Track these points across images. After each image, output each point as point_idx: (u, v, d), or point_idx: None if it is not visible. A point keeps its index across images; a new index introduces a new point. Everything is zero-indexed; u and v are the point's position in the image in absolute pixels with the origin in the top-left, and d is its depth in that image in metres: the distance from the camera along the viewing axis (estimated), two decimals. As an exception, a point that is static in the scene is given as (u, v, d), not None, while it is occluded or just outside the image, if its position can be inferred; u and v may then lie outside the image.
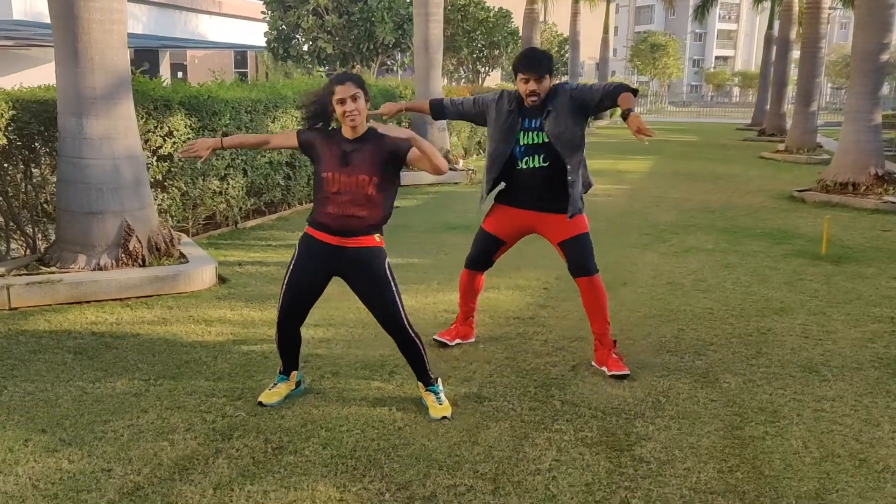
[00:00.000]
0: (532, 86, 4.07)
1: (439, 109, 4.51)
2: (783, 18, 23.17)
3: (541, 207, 4.25)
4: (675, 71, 50.47)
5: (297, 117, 8.95)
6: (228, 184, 7.87)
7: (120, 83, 5.65)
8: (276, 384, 3.86)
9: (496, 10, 23.08)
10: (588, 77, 48.33)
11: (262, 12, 17.70)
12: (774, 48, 24.23)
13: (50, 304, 5.27)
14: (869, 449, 3.39)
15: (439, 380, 3.80)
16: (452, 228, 8.38)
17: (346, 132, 3.53)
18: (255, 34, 26.15)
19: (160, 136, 6.87)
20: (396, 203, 8.68)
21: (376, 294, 3.62)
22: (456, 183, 12.14)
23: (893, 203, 10.04)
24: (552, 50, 30.98)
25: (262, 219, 8.72)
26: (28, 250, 6.17)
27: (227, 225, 8.17)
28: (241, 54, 37.91)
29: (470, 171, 12.44)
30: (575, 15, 24.94)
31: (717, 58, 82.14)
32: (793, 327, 5.07)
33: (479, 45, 21.45)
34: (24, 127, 5.75)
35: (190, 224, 7.64)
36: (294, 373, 3.88)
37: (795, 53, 23.23)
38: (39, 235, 6.26)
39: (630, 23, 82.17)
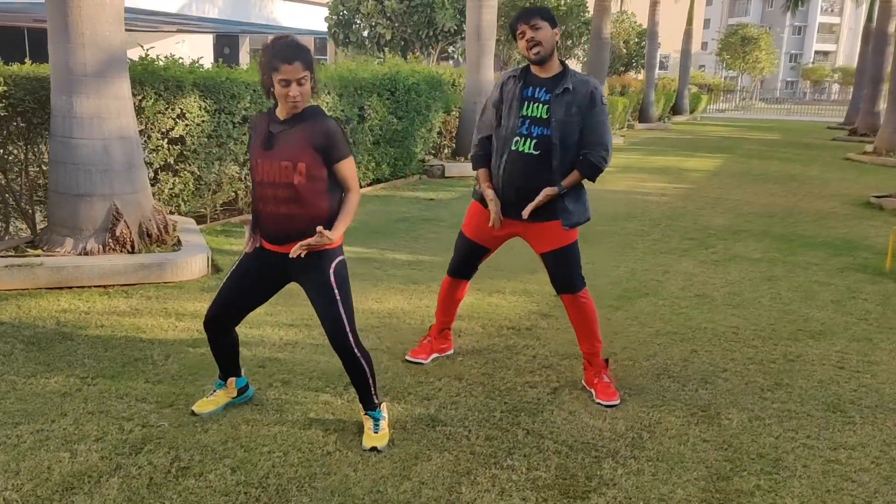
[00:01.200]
0: (528, 34, 3.52)
1: (483, 154, 3.86)
2: (882, 10, 21.53)
3: (520, 212, 3.69)
4: (768, 66, 48.08)
5: (328, 103, 8.64)
6: (245, 168, 7.61)
7: (112, 60, 5.40)
8: (213, 391, 3.50)
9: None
10: (672, 71, 46.62)
11: (325, -3, 17.51)
12: (872, 42, 22.59)
13: (28, 289, 5.09)
14: (882, 518, 2.78)
15: (384, 405, 3.32)
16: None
17: (282, 111, 3.03)
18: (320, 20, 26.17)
19: (171, 117, 6.64)
20: (430, 195, 8.13)
21: (320, 304, 3.13)
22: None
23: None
24: (630, 42, 29.83)
25: (288, 207, 8.43)
26: (31, 232, 6.04)
27: (249, 211, 7.92)
28: (321, 40, 38.22)
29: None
30: (654, 5, 23.86)
31: (816, 53, 78.19)
32: (827, 355, 4.40)
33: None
34: (18, 104, 5.59)
35: (208, 210, 7.43)
36: (233, 379, 3.50)
37: (891, 48, 21.59)
38: (40, 217, 6.12)
39: (724, 14, 79.13)
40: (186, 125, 6.78)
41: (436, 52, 15.71)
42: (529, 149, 3.62)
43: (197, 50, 27.76)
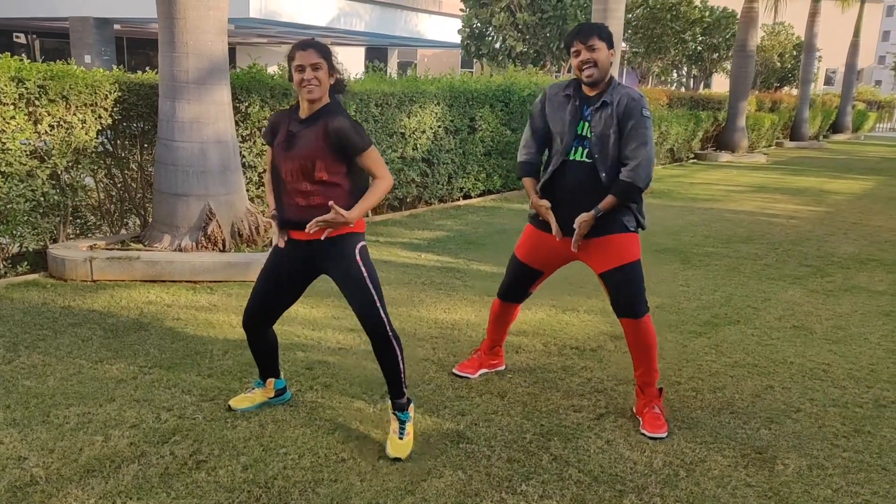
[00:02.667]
0: (584, 55, 3.38)
1: (529, 163, 3.74)
2: None
3: (569, 224, 3.53)
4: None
5: (436, 113, 8.70)
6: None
7: (213, 68, 5.69)
8: (252, 388, 3.58)
9: (720, 9, 21.33)
10: (836, 87, 43.43)
11: (461, 10, 17.70)
12: None
13: (125, 280, 5.43)
14: None
15: (412, 407, 3.27)
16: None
17: (302, 107, 3.09)
18: (450, 31, 26.47)
19: (277, 124, 6.90)
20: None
21: (350, 288, 3.14)
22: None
23: None
24: (784, 55, 28.11)
25: (393, 214, 8.57)
26: (142, 228, 6.46)
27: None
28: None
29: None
30: (813, 15, 22.36)
31: None
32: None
33: (695, 48, 19.83)
34: (130, 108, 6.00)
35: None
36: (271, 380, 3.56)
37: None
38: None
39: (883, 26, 73.02)
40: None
41: (567, 65, 15.45)
42: (581, 157, 3.47)
43: (348, 63, 28.96)
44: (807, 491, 2.99)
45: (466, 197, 9.89)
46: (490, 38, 16.01)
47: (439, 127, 8.82)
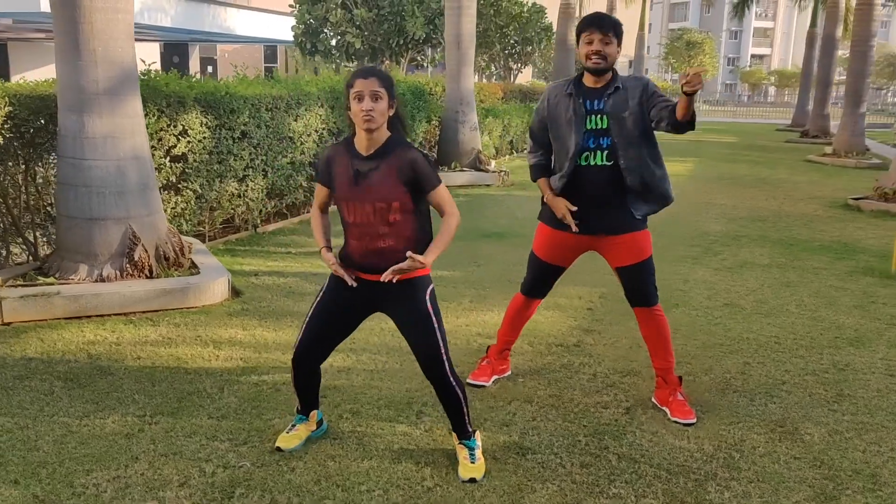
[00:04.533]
0: (596, 46, 3.46)
1: (540, 164, 3.84)
2: (829, 16, 22.25)
3: (598, 229, 3.66)
4: (711, 69, 49.30)
5: (321, 115, 8.47)
6: (248, 185, 7.40)
7: (125, 77, 5.17)
8: (294, 426, 3.36)
9: (530, 4, 22.44)
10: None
11: (290, 5, 17.23)
12: (819, 46, 23.32)
13: (46, 320, 4.82)
14: None
15: (477, 433, 3.23)
16: (486, 236, 7.82)
17: (361, 142, 2.94)
18: (284, 29, 25.79)
19: (174, 135, 6.40)
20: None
21: (415, 334, 3.04)
22: (488, 185, 11.60)
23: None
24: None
25: (284, 222, 8.24)
26: (30, 257, 5.74)
27: (247, 229, 7.70)
28: (270, 49, 37.64)
29: (502, 173, 11.87)
30: (611, 11, 24.20)
31: (752, 56, 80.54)
32: (874, 363, 4.46)
33: (512, 41, 20.77)
34: (22, 124, 5.31)
35: (206, 228, 7.18)
36: (314, 412, 3.36)
37: (837, 52, 22.35)
38: (44, 241, 5.82)
39: (664, 19, 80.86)
40: (189, 142, 6.54)
41: (405, 61, 15.60)
42: (602, 161, 3.58)
43: (144, 59, 27.11)
44: (843, 456, 3.33)
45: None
46: (325, 35, 15.74)
47: (324, 129, 8.59)
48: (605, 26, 3.48)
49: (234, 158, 7.09)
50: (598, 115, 3.58)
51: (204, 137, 6.69)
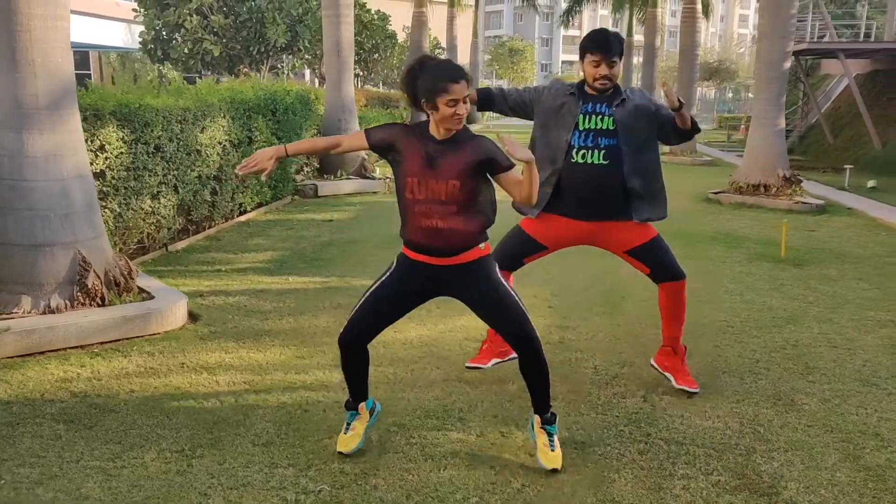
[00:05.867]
0: (603, 70, 3.69)
1: (487, 99, 4.01)
2: (649, 27, 24.21)
3: (598, 216, 3.86)
4: (530, 76, 51.89)
5: (224, 126, 8.14)
6: (160, 202, 6.98)
7: (65, 90, 4.77)
8: (348, 425, 3.35)
9: (374, 12, 22.57)
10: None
11: (134, 10, 16.24)
12: (642, 55, 25.27)
13: (-2, 360, 4.34)
14: None
15: (557, 417, 3.35)
16: (407, 243, 7.85)
17: (438, 132, 3.03)
18: (108, 34, 24.16)
19: (91, 150, 5.93)
20: (327, 216, 8.15)
21: (498, 311, 3.15)
22: (375, 192, 11.61)
23: (805, 203, 10.55)
24: (433, 53, 30.75)
25: (190, 239, 7.82)
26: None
27: (156, 248, 7.25)
28: (80, 55, 34.97)
29: (387, 179, 11.92)
30: (451, 20, 24.90)
31: (563, 62, 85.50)
32: (815, 337, 5.03)
33: (365, 48, 20.79)
34: (-56, 144, 4.73)
35: (118, 249, 6.69)
36: (363, 405, 3.37)
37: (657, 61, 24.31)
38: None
39: (481, 27, 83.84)
40: (106, 158, 6.09)
41: (265, 68, 15.18)
42: (599, 160, 3.79)
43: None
44: (843, 420, 3.77)
45: (243, 212, 9.37)
46: (177, 42, 14.97)
47: (227, 141, 8.26)
48: (611, 51, 3.70)
49: (148, 174, 6.68)
50: (601, 117, 3.79)
51: (121, 153, 6.25)
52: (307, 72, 19.58)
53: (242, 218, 9.06)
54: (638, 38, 30.97)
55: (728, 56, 44.82)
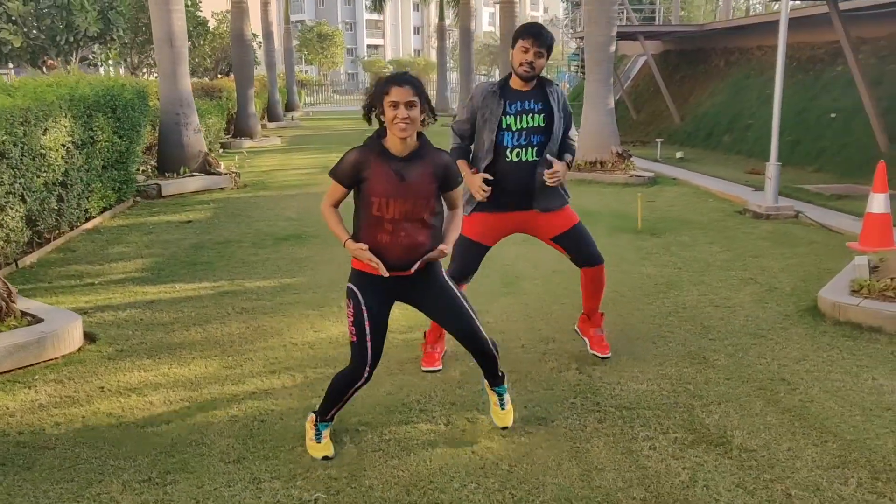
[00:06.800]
0: (529, 56, 3.90)
1: (467, 150, 4.17)
2: (463, 11, 24.92)
3: (528, 206, 4.09)
4: (340, 60, 51.52)
5: (66, 127, 7.48)
6: (7, 214, 6.32)
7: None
8: (319, 433, 3.36)
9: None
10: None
11: None
12: (459, 39, 25.96)
13: None
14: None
15: (506, 376, 3.57)
16: (283, 239, 7.67)
17: (394, 145, 3.10)
18: None
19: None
20: (187, 216, 8.06)
21: (449, 311, 3.32)
22: (222, 188, 11.13)
23: (639, 176, 11.46)
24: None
25: (39, 252, 7.14)
26: None
27: (4, 265, 6.55)
28: None
29: (234, 174, 11.48)
30: (265, 5, 24.13)
31: (369, 46, 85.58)
32: (697, 299, 5.57)
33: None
34: None
35: (-35, 270, 6.01)
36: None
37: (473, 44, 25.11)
38: None
39: (282, 12, 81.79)
40: (-48, 168, 5.43)
41: (76, 60, 13.88)
42: (532, 156, 4.02)
43: None
44: (753, 371, 4.24)
45: (88, 219, 8.65)
46: (-33, 32, 13.34)
47: (70, 143, 7.59)
48: (542, 41, 3.91)
49: (-5, 184, 6.03)
50: (531, 115, 4.00)
51: (-35, 161, 5.60)
52: (110, 62, 18.15)
53: (89, 225, 8.39)
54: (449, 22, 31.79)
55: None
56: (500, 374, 3.49)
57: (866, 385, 4.02)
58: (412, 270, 3.15)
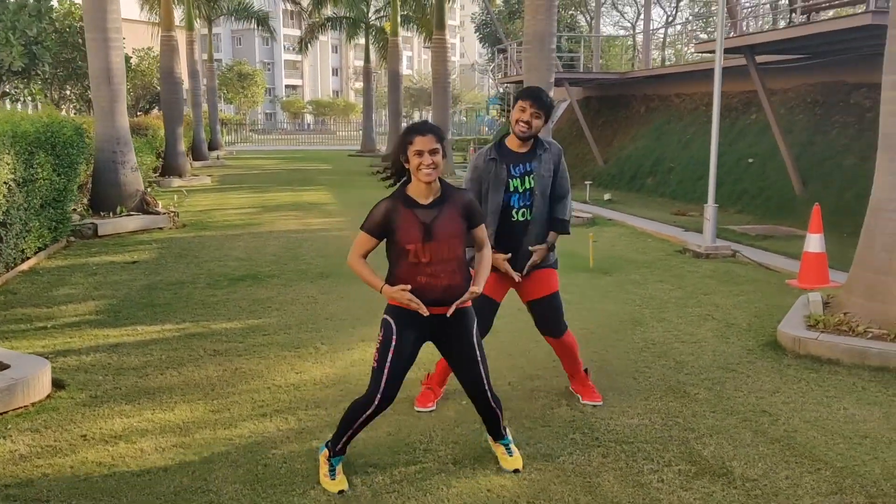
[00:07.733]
0: (525, 116, 4.02)
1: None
2: (392, 55, 25.23)
3: (523, 265, 4.16)
4: (260, 100, 51.11)
5: (9, 164, 7.17)
6: (-50, 255, 6.00)
7: None
8: (333, 469, 3.38)
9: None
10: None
11: None
12: (388, 81, 26.20)
13: None
14: (861, 425, 4.11)
15: (507, 429, 3.65)
16: (238, 280, 7.51)
17: (419, 192, 3.23)
18: None
19: None
20: (131, 257, 8.01)
21: (467, 357, 3.42)
22: (161, 228, 10.81)
23: (579, 217, 11.78)
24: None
25: (-21, 295, 6.78)
26: None
27: (-56, 309, 6.19)
28: None
29: (173, 214, 11.19)
30: (191, 43, 23.82)
31: (287, 86, 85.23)
32: (663, 335, 5.76)
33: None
34: None
35: None
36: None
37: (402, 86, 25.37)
38: None
39: (199, 51, 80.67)
40: None
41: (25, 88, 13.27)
42: (529, 216, 4.14)
43: None
44: (733, 402, 4.41)
45: (24, 259, 8.25)
46: None
47: (12, 180, 7.28)
48: (539, 103, 4.06)
49: (-58, 223, 5.71)
50: (530, 176, 4.12)
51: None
52: (34, 98, 17.41)
53: (25, 266, 8.00)
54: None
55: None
56: (503, 429, 3.58)
57: (840, 415, 4.24)
58: (450, 314, 3.24)
